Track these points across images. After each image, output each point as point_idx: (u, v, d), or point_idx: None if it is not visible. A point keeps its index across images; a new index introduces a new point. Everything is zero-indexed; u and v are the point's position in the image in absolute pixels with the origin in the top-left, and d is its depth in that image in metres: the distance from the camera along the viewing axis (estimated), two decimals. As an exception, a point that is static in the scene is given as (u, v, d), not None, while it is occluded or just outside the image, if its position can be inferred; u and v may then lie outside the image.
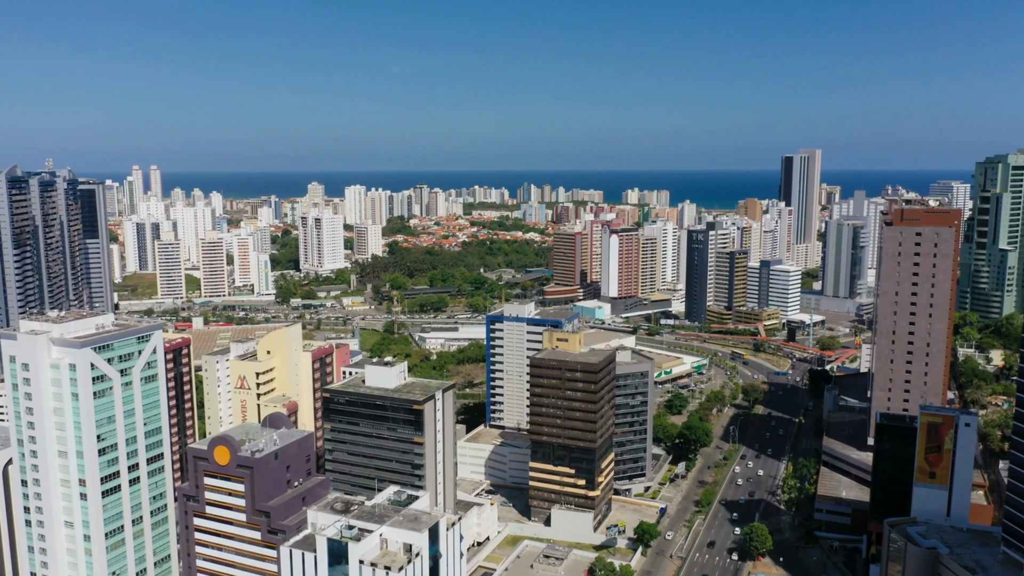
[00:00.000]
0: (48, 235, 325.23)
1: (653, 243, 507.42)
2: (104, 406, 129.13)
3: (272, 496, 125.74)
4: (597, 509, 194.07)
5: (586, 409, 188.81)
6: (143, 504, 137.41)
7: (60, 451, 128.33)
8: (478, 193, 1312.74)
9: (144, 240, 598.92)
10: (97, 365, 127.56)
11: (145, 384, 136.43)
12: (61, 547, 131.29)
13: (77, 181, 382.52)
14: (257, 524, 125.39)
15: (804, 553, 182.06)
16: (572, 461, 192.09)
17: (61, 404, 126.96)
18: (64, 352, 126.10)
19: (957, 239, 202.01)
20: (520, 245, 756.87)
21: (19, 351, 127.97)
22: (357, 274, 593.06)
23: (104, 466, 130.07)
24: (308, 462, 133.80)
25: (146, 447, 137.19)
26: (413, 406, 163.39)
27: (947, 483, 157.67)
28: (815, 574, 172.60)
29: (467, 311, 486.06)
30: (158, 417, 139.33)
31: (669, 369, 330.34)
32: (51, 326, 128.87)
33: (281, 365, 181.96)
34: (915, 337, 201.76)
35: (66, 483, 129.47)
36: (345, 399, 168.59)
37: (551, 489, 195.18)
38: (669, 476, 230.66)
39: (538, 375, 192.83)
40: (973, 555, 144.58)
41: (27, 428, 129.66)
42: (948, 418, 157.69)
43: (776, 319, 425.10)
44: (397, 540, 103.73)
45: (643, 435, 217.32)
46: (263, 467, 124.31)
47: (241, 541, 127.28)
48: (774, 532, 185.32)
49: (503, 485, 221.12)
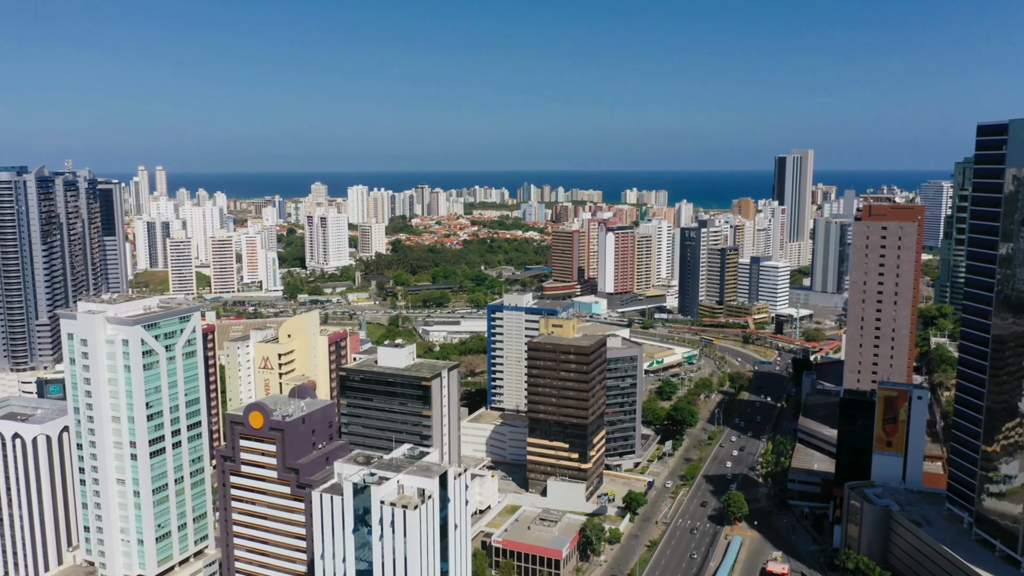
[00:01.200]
0: (71, 232, 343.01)
1: (648, 241, 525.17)
2: (152, 377, 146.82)
3: (300, 456, 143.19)
4: (589, 481, 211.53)
5: (579, 388, 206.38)
6: (184, 465, 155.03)
7: (114, 416, 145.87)
8: (478, 193, 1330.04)
9: (155, 238, 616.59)
10: (146, 341, 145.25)
11: (186, 359, 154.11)
12: (114, 502, 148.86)
13: (96, 181, 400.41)
14: (287, 480, 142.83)
15: (777, 518, 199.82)
16: (566, 436, 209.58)
17: (115, 375, 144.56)
18: (118, 329, 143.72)
19: (920, 233, 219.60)
20: (520, 243, 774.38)
21: (77, 329, 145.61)
22: (361, 271, 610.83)
23: (152, 430, 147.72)
24: (331, 427, 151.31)
25: (187, 414, 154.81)
26: (422, 383, 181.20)
27: (902, 450, 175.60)
28: (785, 535, 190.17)
29: (468, 306, 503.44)
30: (196, 388, 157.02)
31: (661, 359, 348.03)
32: (106, 307, 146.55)
33: (300, 347, 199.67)
34: (882, 323, 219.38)
35: (119, 445, 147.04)
36: (360, 377, 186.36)
37: (547, 463, 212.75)
38: (657, 454, 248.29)
39: (535, 357, 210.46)
40: (921, 511, 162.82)
41: (84, 397, 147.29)
42: (903, 392, 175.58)
43: (765, 313, 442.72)
44: (412, 485, 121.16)
45: (632, 415, 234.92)
46: (292, 430, 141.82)
47: (273, 496, 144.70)
48: (751, 501, 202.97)
49: (503, 462, 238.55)
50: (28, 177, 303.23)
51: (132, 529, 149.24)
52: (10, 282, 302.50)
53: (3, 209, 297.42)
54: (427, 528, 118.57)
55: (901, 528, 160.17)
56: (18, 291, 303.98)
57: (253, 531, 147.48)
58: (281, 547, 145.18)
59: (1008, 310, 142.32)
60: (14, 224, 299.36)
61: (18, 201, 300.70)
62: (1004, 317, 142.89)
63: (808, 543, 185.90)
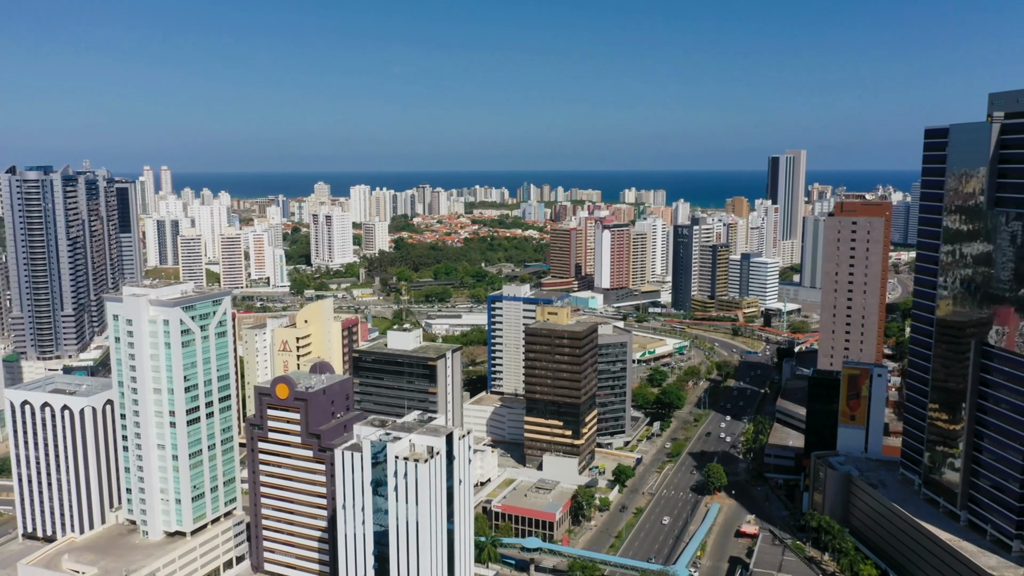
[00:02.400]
0: (92, 229, 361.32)
1: (643, 238, 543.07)
2: (189, 353, 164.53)
3: (321, 423, 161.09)
4: (582, 456, 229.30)
5: (572, 370, 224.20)
6: (216, 433, 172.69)
7: (155, 388, 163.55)
8: (479, 192, 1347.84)
9: (164, 236, 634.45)
10: (184, 321, 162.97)
11: (218, 338, 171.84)
12: (155, 466, 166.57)
13: (114, 180, 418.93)
14: (310, 444, 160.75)
15: (753, 489, 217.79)
16: (560, 415, 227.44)
17: (157, 351, 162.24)
18: (160, 311, 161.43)
19: (888, 228, 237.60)
20: (519, 242, 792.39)
21: (123, 310, 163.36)
22: (365, 268, 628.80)
23: (188, 401, 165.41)
24: (347, 399, 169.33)
25: (218, 388, 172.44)
26: (428, 362, 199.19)
27: (864, 423, 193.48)
28: (760, 503, 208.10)
29: (469, 301, 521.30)
30: (227, 364, 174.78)
31: (653, 349, 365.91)
32: (148, 291, 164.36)
33: (316, 332, 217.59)
34: (852, 311, 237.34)
35: (159, 414, 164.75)
36: (372, 358, 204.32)
37: (543, 439, 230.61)
38: (646, 434, 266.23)
39: (532, 342, 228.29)
40: (878, 476, 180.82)
41: (128, 371, 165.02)
42: (864, 370, 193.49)
43: (755, 307, 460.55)
44: (422, 443, 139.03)
45: (623, 397, 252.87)
46: (315, 400, 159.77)
47: (296, 459, 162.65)
48: (731, 475, 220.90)
49: (502, 441, 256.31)
50: (54, 176, 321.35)
51: (171, 490, 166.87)
52: (37, 275, 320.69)
53: (31, 206, 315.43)
54: (435, 480, 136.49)
55: (860, 491, 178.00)
56: (44, 284, 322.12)
57: (279, 491, 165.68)
58: (304, 504, 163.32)
59: (951, 301, 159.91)
60: (42, 221, 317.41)
61: (45, 199, 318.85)
62: (946, 307, 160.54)
63: (780, 509, 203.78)
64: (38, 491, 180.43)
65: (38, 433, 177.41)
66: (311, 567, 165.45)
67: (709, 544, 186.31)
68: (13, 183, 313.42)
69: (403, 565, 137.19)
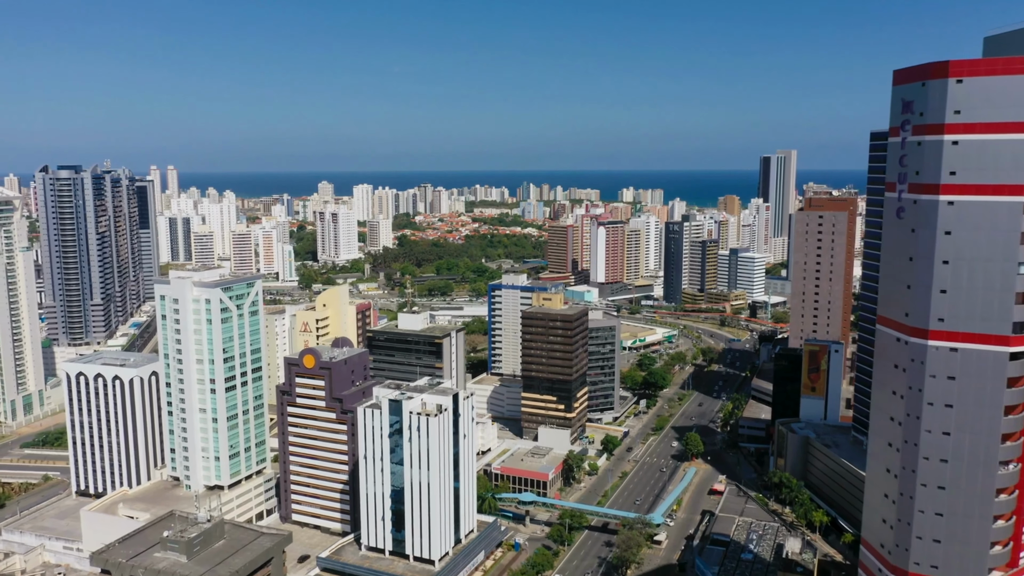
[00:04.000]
0: (117, 225, 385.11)
1: (637, 234, 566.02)
2: (227, 329, 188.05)
3: (343, 389, 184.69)
4: (574, 428, 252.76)
5: (564, 350, 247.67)
6: (249, 400, 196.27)
7: (198, 360, 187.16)
8: (479, 192, 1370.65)
9: (176, 233, 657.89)
10: (223, 300, 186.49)
11: (251, 316, 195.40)
12: (197, 428, 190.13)
13: (134, 179, 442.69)
14: (333, 408, 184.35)
15: (727, 456, 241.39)
16: (554, 390, 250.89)
17: (199, 327, 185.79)
18: (202, 291, 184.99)
19: (852, 222, 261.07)
20: (519, 239, 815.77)
21: (169, 291, 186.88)
22: (370, 264, 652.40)
23: (227, 371, 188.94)
24: (365, 370, 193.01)
25: (251, 360, 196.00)
26: (435, 340, 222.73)
27: (823, 394, 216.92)
28: (732, 467, 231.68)
29: (470, 295, 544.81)
30: (259, 340, 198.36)
31: (643, 338, 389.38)
32: (191, 274, 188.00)
33: (334, 315, 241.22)
34: (819, 297, 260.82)
35: (201, 382, 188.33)
36: (384, 337, 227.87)
37: (538, 413, 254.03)
38: (633, 411, 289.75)
39: (528, 324, 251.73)
40: (833, 439, 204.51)
41: (174, 344, 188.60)
42: (823, 347, 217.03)
43: (743, 300, 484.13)
44: (432, 402, 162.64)
45: (612, 376, 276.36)
46: (338, 368, 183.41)
47: (321, 420, 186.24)
48: (708, 445, 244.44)
49: (502, 416, 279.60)
50: (85, 175, 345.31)
51: (211, 448, 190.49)
52: (68, 267, 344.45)
53: (64, 203, 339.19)
54: (444, 432, 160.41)
55: (816, 451, 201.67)
56: (75, 275, 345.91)
57: (305, 449, 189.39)
58: (327, 461, 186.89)
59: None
60: (73, 216, 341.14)
61: (76, 196, 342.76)
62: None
63: (750, 472, 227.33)
64: (91, 453, 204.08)
65: (92, 401, 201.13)
66: (334, 516, 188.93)
67: (685, 500, 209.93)
68: (47, 181, 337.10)
69: (417, 506, 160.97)
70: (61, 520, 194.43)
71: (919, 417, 75.03)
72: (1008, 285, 69.42)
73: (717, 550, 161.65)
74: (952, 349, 72.37)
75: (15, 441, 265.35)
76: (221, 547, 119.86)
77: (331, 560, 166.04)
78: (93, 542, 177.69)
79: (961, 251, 70.49)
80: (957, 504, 74.53)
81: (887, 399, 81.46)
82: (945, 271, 71.14)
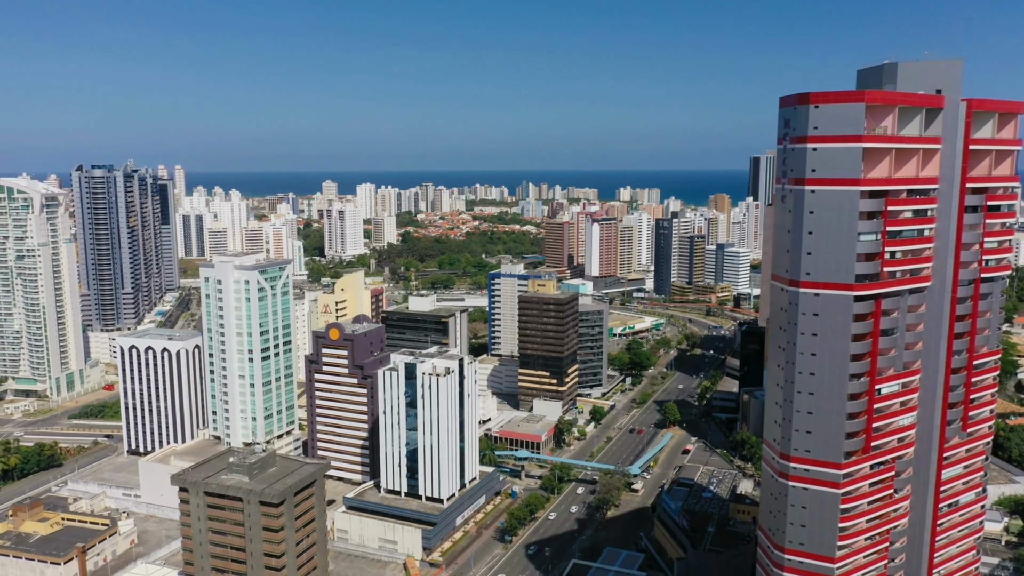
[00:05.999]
0: (143, 221, 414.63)
1: (630, 231, 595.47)
2: (263, 306, 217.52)
3: (363, 358, 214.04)
4: (565, 400, 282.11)
5: (557, 330, 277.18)
6: (280, 369, 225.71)
7: (238, 333, 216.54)
8: (479, 191, 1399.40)
9: (190, 230, 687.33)
10: (260, 282, 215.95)
11: (282, 296, 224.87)
12: (236, 392, 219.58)
13: (157, 177, 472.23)
14: (355, 374, 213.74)
15: (701, 423, 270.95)
16: (547, 367, 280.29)
17: (240, 304, 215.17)
18: (242, 273, 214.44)
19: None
20: (518, 236, 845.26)
21: (213, 273, 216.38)
22: (375, 259, 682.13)
23: (262, 343, 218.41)
24: (382, 342, 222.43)
25: (283, 334, 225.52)
26: (442, 319, 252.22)
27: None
28: (704, 432, 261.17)
29: (471, 287, 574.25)
30: (289, 316, 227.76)
31: (632, 325, 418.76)
32: (232, 259, 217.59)
33: (351, 298, 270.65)
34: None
35: (240, 353, 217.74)
36: (397, 317, 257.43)
37: (533, 387, 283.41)
38: (620, 388, 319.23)
39: (524, 308, 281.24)
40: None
41: (217, 319, 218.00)
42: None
43: (728, 292, 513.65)
44: (441, 365, 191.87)
45: (600, 356, 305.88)
46: (359, 340, 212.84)
47: (344, 386, 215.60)
48: (685, 415, 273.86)
49: (500, 392, 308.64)
50: (117, 174, 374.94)
51: (248, 410, 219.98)
52: (102, 259, 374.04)
53: (98, 199, 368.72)
54: (451, 390, 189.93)
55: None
56: (108, 266, 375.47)
57: (330, 411, 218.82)
58: (350, 421, 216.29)
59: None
60: (106, 212, 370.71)
61: (109, 193, 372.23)
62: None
63: (720, 437, 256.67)
64: (142, 416, 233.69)
65: (143, 370, 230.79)
66: (355, 468, 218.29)
67: (661, 458, 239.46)
68: (82, 179, 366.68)
69: (428, 454, 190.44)
70: (117, 473, 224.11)
71: (795, 344, 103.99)
72: (851, 248, 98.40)
73: (682, 490, 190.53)
74: (816, 294, 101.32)
75: (62, 413, 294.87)
76: (274, 471, 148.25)
77: (356, 500, 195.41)
78: (149, 488, 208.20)
79: (820, 225, 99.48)
80: (821, 405, 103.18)
81: (777, 333, 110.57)
82: (810, 239, 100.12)
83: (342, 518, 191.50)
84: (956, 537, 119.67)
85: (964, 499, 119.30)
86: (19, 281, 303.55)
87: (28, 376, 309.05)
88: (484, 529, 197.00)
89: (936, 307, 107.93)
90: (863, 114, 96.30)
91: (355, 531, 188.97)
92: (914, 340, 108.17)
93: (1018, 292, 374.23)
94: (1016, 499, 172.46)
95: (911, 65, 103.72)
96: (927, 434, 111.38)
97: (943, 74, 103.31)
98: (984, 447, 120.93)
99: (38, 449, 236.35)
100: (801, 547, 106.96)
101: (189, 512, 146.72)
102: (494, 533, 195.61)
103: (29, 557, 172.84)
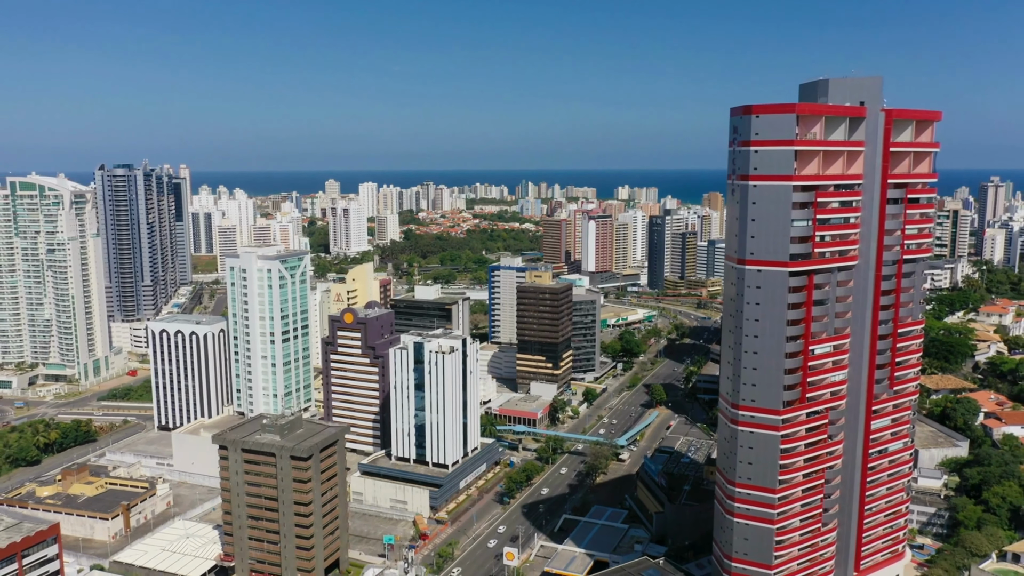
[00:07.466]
0: (160, 218, 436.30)
1: (625, 228, 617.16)
2: (284, 293, 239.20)
3: (375, 340, 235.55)
4: (560, 383, 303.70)
5: (552, 318, 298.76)
6: (299, 351, 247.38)
7: (260, 317, 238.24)
8: (479, 190, 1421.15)
9: (199, 227, 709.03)
10: (281, 270, 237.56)
11: (301, 284, 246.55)
12: (259, 371, 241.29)
13: (172, 176, 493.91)
14: (367, 355, 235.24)
15: (686, 404, 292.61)
16: (543, 351, 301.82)
17: (263, 291, 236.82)
18: (265, 263, 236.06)
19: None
20: (517, 233, 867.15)
21: (238, 263, 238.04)
22: (379, 255, 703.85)
23: (283, 326, 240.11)
24: (391, 326, 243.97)
25: (301, 319, 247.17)
26: (446, 306, 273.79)
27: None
28: (688, 411, 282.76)
29: (471, 282, 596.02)
30: (306, 302, 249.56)
31: (625, 317, 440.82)
32: (255, 250, 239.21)
33: (361, 287, 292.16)
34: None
35: (263, 335, 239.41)
36: (404, 304, 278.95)
37: (530, 370, 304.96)
38: (612, 373, 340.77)
39: (522, 297, 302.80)
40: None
41: (241, 305, 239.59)
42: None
43: (719, 286, 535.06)
44: (446, 344, 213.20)
45: (593, 342, 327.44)
46: (372, 323, 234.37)
47: (357, 365, 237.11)
48: (671, 397, 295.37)
49: (500, 376, 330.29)
50: (137, 172, 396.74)
51: (271, 388, 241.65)
52: (123, 253, 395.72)
53: (120, 197, 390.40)
54: (455, 366, 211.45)
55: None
56: (128, 259, 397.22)
57: (344, 388, 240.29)
58: (362, 397, 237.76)
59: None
60: (127, 209, 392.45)
61: (130, 191, 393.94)
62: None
63: (702, 415, 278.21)
64: (171, 394, 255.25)
65: (173, 352, 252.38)
66: (367, 441, 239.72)
67: (647, 433, 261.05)
68: (104, 177, 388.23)
69: (434, 424, 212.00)
70: (150, 446, 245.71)
71: (742, 312, 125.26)
72: (786, 232, 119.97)
73: (663, 456, 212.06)
74: (758, 270, 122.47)
75: (91, 396, 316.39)
76: (302, 432, 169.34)
77: (370, 466, 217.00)
78: (181, 457, 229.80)
79: (761, 212, 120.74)
80: (764, 362, 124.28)
81: (728, 303, 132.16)
82: (753, 225, 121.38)
83: (357, 482, 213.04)
84: (885, 480, 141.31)
85: (892, 447, 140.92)
86: (50, 273, 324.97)
87: (58, 362, 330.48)
88: (485, 493, 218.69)
89: (862, 282, 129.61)
90: (795, 123, 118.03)
91: (369, 493, 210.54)
92: (844, 310, 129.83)
93: (987, 284, 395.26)
94: (957, 460, 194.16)
95: (839, 81, 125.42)
96: (856, 389, 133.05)
97: (866, 89, 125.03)
98: (911, 403, 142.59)
99: (75, 425, 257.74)
100: (749, 481, 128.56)
101: (228, 468, 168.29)
102: (494, 496, 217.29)
103: (80, 514, 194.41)
